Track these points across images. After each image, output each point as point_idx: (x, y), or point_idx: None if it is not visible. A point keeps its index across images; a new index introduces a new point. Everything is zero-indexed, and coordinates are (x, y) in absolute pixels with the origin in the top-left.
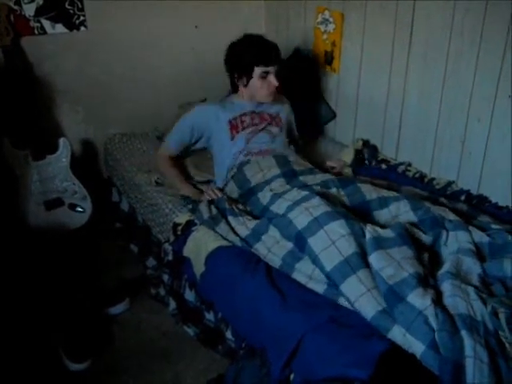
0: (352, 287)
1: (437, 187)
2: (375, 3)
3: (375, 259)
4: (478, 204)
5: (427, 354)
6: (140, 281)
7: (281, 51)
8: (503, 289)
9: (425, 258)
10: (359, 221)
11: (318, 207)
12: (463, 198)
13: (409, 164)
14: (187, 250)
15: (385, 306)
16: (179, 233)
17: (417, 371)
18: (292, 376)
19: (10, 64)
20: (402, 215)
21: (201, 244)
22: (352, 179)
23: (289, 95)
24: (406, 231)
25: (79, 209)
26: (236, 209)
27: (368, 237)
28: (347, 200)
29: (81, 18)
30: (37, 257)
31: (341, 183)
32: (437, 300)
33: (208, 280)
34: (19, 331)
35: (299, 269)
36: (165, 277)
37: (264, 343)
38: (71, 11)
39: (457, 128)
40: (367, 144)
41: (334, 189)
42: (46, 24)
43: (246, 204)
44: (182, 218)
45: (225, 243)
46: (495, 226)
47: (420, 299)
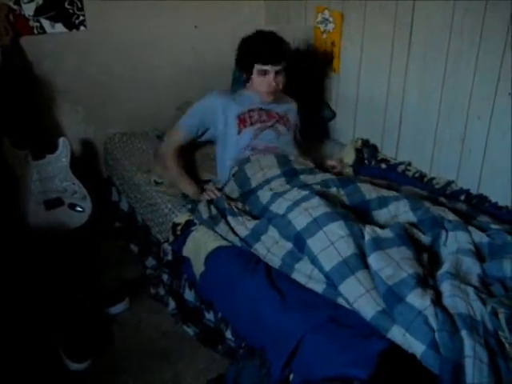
0: (351, 288)
1: (436, 187)
2: (375, 3)
3: (374, 260)
4: (478, 204)
5: (427, 354)
6: (140, 280)
7: (288, 52)
8: (503, 289)
9: (424, 259)
10: (358, 221)
11: (318, 208)
12: (463, 198)
13: (408, 163)
14: (187, 250)
15: (384, 307)
16: (179, 233)
17: (417, 371)
18: (291, 376)
19: (10, 64)
20: (402, 215)
21: (200, 244)
22: (352, 179)
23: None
24: (405, 231)
25: (79, 208)
26: (235, 208)
27: (367, 238)
28: (347, 199)
29: (80, 18)
30: (36, 256)
31: (341, 183)
32: (436, 300)
33: (207, 280)
34: (19, 331)
35: (299, 269)
36: (164, 276)
37: (264, 343)
38: (71, 11)
39: (456, 127)
40: (367, 144)
41: (334, 188)
42: (46, 23)
43: (246, 203)
44: (182, 218)
45: (224, 243)
46: (495, 226)
47: (419, 299)
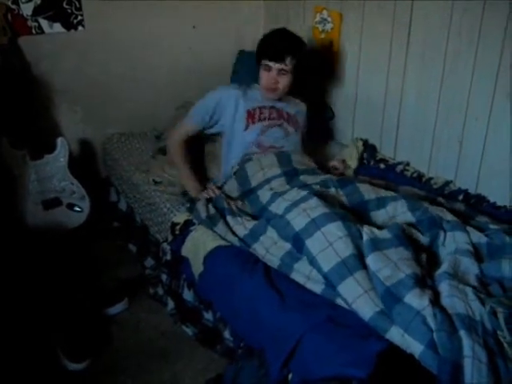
0: (349, 288)
1: (434, 187)
2: (373, 3)
3: (372, 261)
4: (476, 204)
5: (426, 354)
6: (138, 280)
7: (298, 53)
8: (501, 289)
9: (422, 259)
10: (356, 222)
11: (316, 208)
12: (461, 198)
13: (407, 163)
14: (185, 250)
15: (382, 307)
16: (177, 232)
17: (415, 371)
18: (290, 376)
19: (8, 63)
20: (400, 215)
21: (199, 244)
22: (351, 179)
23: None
24: (403, 232)
25: (77, 208)
26: (235, 208)
27: (365, 238)
28: (346, 200)
29: (78, 18)
30: (35, 257)
31: (340, 183)
32: (434, 300)
33: (206, 280)
34: (18, 331)
35: (297, 269)
36: (163, 276)
37: (262, 343)
38: (69, 11)
39: (455, 127)
40: (366, 144)
41: (333, 189)
42: (44, 23)
43: (246, 202)
44: (180, 218)
45: (223, 243)
46: (493, 226)
47: (417, 299)
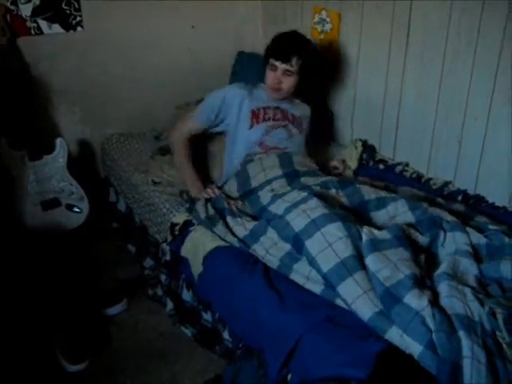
0: (349, 289)
1: (434, 187)
2: (372, 3)
3: (371, 261)
4: (475, 204)
5: (425, 355)
6: (137, 281)
7: (304, 55)
8: (500, 290)
9: (421, 260)
10: (356, 223)
11: (316, 209)
12: (460, 198)
13: (406, 164)
14: (185, 250)
15: (381, 308)
16: (177, 233)
17: (414, 371)
18: (289, 376)
19: (7, 64)
20: (400, 215)
21: (199, 244)
22: (352, 180)
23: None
24: (403, 232)
25: (76, 209)
26: (235, 208)
27: (364, 239)
28: (346, 200)
29: (77, 19)
30: (34, 257)
31: (340, 184)
32: (434, 301)
33: (206, 280)
34: (17, 332)
35: (297, 269)
36: (162, 277)
37: (262, 343)
38: (68, 11)
39: (454, 128)
40: (365, 144)
41: (334, 190)
42: (43, 24)
43: (246, 202)
44: (180, 218)
45: (222, 243)
46: (492, 227)
47: (416, 300)
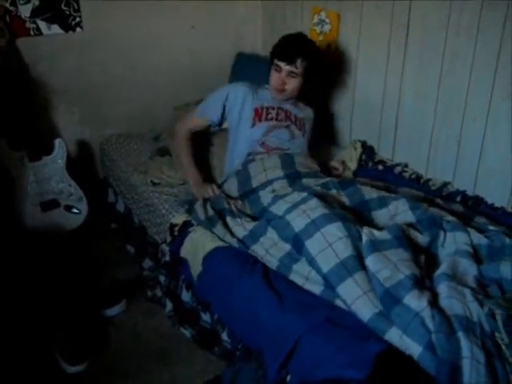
0: (348, 290)
1: (433, 188)
2: (371, 3)
3: (371, 262)
4: (474, 205)
5: (424, 356)
6: (136, 282)
7: (308, 57)
8: (499, 291)
9: (421, 260)
10: (356, 223)
11: (316, 209)
12: (459, 199)
13: (405, 165)
14: (184, 251)
15: (381, 309)
16: (176, 233)
17: (414, 372)
18: (289, 377)
19: (6, 65)
20: (401, 214)
21: (198, 245)
22: (352, 181)
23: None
24: (403, 233)
25: (75, 210)
26: (234, 208)
27: (364, 239)
28: (347, 200)
29: (77, 20)
30: (33, 258)
31: (341, 185)
32: (433, 302)
33: (205, 281)
34: (16, 334)
35: (296, 270)
36: (161, 278)
37: (261, 344)
38: (67, 12)
39: (453, 128)
40: (364, 145)
41: (334, 190)
42: (42, 25)
43: (246, 201)
44: (179, 219)
45: (222, 244)
46: (492, 228)
47: (416, 301)
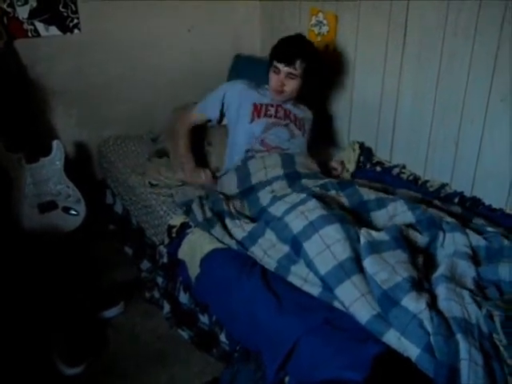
0: (346, 292)
1: (430, 189)
2: (369, 3)
3: (369, 264)
4: (472, 206)
5: (422, 358)
6: (134, 284)
7: (307, 59)
8: (497, 292)
9: (419, 262)
10: (355, 224)
11: (314, 211)
12: (457, 201)
13: (403, 166)
14: (182, 253)
15: (379, 311)
16: (174, 235)
17: (412, 374)
18: (287, 379)
19: (4, 66)
20: (400, 215)
21: (196, 246)
22: (351, 182)
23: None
24: (401, 234)
25: (73, 212)
26: (233, 210)
27: (362, 241)
28: (346, 201)
29: (74, 21)
30: (31, 260)
31: (340, 186)
32: (431, 303)
33: (203, 282)
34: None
35: (294, 272)
36: (159, 279)
37: (259, 346)
38: (65, 14)
39: (450, 129)
40: (362, 146)
41: (333, 191)
42: (40, 26)
43: (245, 201)
44: (177, 220)
45: (220, 246)
46: (490, 229)
47: (414, 303)
